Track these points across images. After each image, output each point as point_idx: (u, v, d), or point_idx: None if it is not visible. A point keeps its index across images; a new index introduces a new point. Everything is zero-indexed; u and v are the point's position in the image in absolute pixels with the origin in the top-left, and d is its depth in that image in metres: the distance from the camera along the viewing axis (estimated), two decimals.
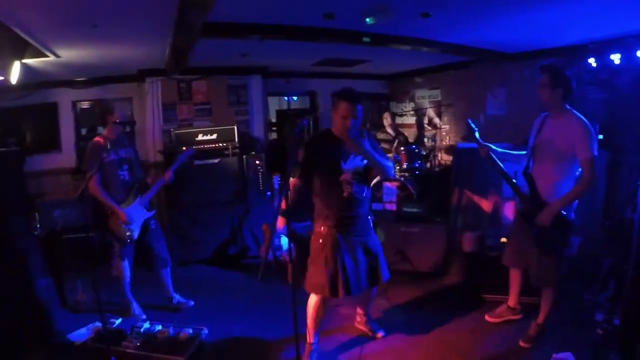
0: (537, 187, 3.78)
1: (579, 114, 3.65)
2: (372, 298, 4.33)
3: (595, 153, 3.50)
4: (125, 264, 4.64)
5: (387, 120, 8.44)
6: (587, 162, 3.50)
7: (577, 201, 3.73)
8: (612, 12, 4.38)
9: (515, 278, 4.32)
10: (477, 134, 4.08)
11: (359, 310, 4.41)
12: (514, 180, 4.00)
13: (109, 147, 4.51)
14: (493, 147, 4.08)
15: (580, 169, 3.61)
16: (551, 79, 3.63)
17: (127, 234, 4.54)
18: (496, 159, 4.03)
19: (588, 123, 3.57)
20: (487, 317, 4.46)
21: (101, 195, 4.41)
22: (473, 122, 4.15)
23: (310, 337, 3.91)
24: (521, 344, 3.95)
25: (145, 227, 4.72)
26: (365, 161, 3.68)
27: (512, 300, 4.41)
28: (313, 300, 3.84)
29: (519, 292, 4.34)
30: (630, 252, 3.45)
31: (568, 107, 3.70)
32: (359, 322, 4.42)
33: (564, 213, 3.65)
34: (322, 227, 3.76)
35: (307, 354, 3.87)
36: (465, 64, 7.73)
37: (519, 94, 7.10)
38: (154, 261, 4.85)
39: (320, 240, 3.75)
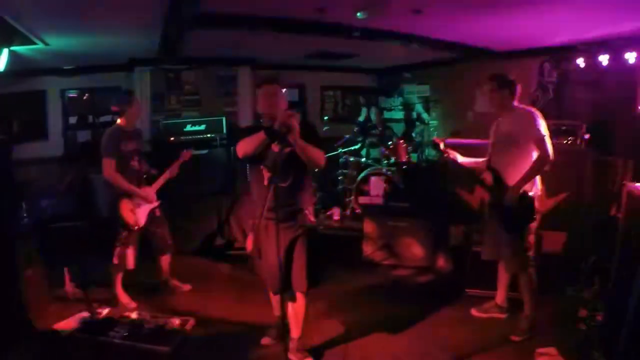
0: (501, 176, 4.00)
1: (526, 107, 4.00)
2: None
3: (545, 133, 3.77)
4: (130, 251, 4.67)
5: None
6: (539, 141, 3.77)
7: (538, 186, 3.94)
8: (601, 14, 4.43)
9: (502, 273, 4.37)
10: (442, 146, 4.48)
11: None
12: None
13: (125, 136, 4.60)
14: (459, 155, 4.45)
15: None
16: (497, 83, 4.02)
17: (135, 220, 4.60)
18: (459, 162, 4.45)
19: (535, 111, 3.90)
20: (473, 312, 4.50)
21: (119, 181, 4.49)
22: (438, 138, 4.69)
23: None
24: (513, 338, 3.98)
25: (150, 215, 4.80)
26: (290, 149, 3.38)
27: (499, 297, 4.45)
28: None
29: (506, 287, 4.40)
30: (614, 249, 3.52)
31: (516, 104, 4.03)
32: None
33: (530, 194, 3.84)
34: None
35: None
36: (455, 60, 7.74)
37: None
38: (157, 245, 4.93)
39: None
